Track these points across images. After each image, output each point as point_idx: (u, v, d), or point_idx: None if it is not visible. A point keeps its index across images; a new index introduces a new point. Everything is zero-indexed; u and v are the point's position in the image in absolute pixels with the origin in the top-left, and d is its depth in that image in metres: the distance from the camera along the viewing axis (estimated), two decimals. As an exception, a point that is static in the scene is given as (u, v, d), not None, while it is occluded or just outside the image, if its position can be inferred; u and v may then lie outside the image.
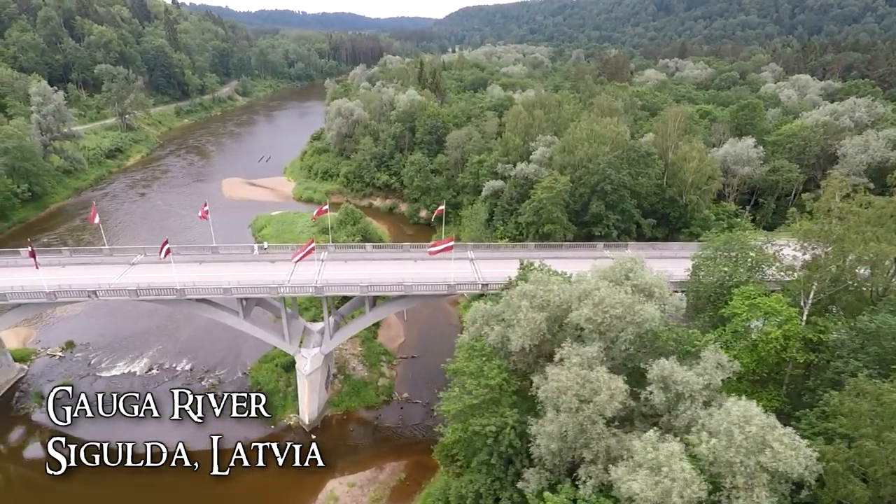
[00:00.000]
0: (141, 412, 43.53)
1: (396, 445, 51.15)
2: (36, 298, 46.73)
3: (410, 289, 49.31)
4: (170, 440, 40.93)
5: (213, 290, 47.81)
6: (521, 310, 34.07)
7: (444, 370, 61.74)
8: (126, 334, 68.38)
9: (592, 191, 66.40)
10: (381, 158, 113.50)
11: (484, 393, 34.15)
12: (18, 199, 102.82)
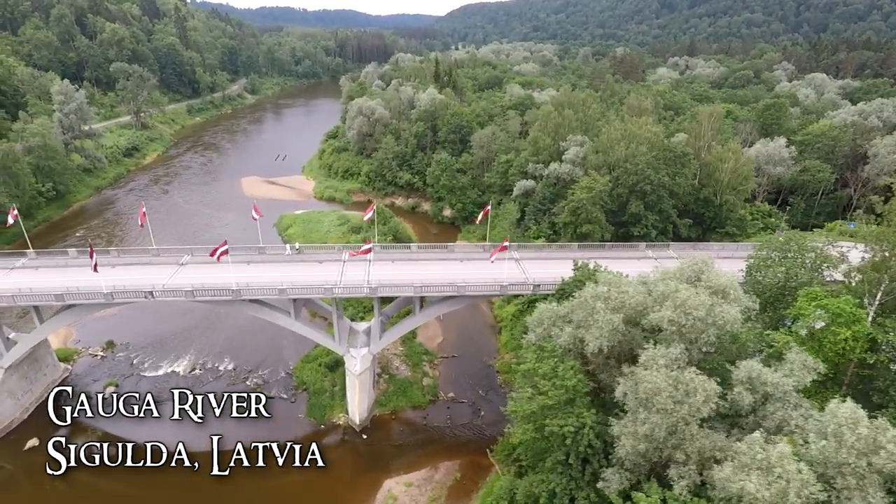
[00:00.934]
0: (199, 413, 43.09)
1: (447, 445, 51.40)
2: (93, 299, 46.85)
3: (463, 289, 49.53)
4: (230, 439, 41.13)
5: (269, 290, 47.97)
6: (597, 311, 34.30)
7: (488, 369, 62.83)
8: (164, 334, 68.51)
9: (631, 191, 66.61)
10: (403, 157, 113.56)
11: (560, 394, 34.38)
12: (44, 198, 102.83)
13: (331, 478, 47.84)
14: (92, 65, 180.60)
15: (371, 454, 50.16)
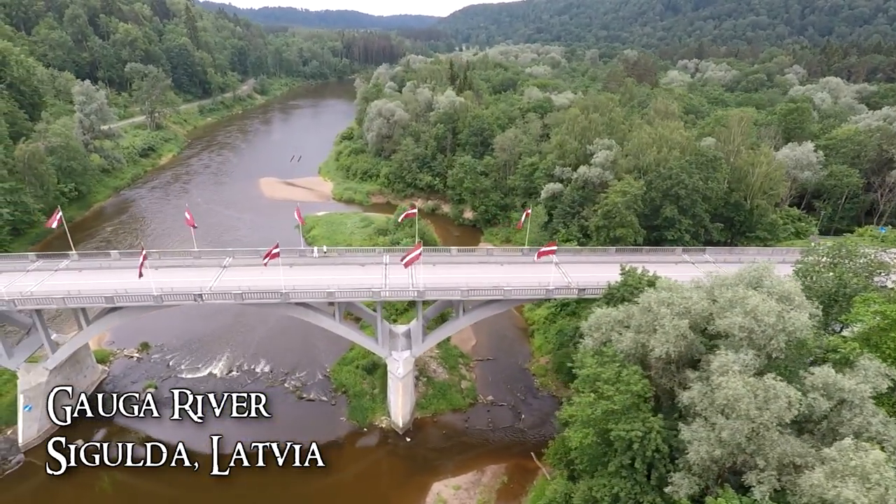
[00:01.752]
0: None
1: (491, 448, 51.54)
2: (143, 302, 46.96)
3: (509, 293, 49.68)
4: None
5: (317, 293, 48.09)
6: (663, 317, 34.48)
7: (523, 373, 62.96)
8: (196, 335, 68.61)
9: (664, 195, 66.79)
10: (423, 159, 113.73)
11: (625, 399, 34.55)
12: (66, 199, 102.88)
13: (380, 480, 48.19)
14: (105, 65, 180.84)
15: (416, 457, 50.28)
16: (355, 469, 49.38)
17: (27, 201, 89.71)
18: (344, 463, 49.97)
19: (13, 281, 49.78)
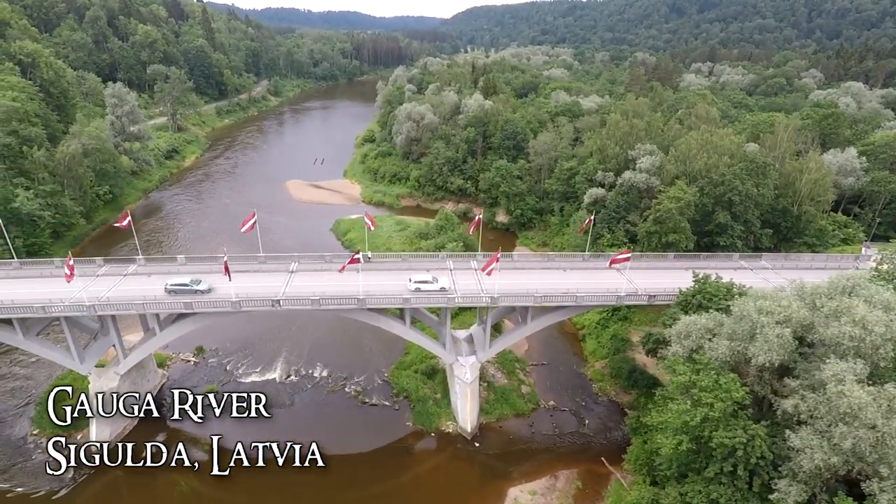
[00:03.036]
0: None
1: (560, 453, 51.78)
2: (221, 308, 47.18)
3: (581, 300, 49.98)
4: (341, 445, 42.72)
5: (392, 299, 48.40)
6: (764, 326, 34.82)
7: (579, 377, 63.22)
8: (249, 339, 68.70)
9: (717, 201, 67.19)
10: (454, 163, 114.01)
11: (725, 406, 34.89)
12: (102, 201, 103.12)
13: (457, 485, 48.41)
14: (125, 66, 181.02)
15: (487, 462, 50.57)
16: (429, 474, 49.69)
17: (67, 204, 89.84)
18: (417, 467, 50.30)
19: (86, 286, 49.86)
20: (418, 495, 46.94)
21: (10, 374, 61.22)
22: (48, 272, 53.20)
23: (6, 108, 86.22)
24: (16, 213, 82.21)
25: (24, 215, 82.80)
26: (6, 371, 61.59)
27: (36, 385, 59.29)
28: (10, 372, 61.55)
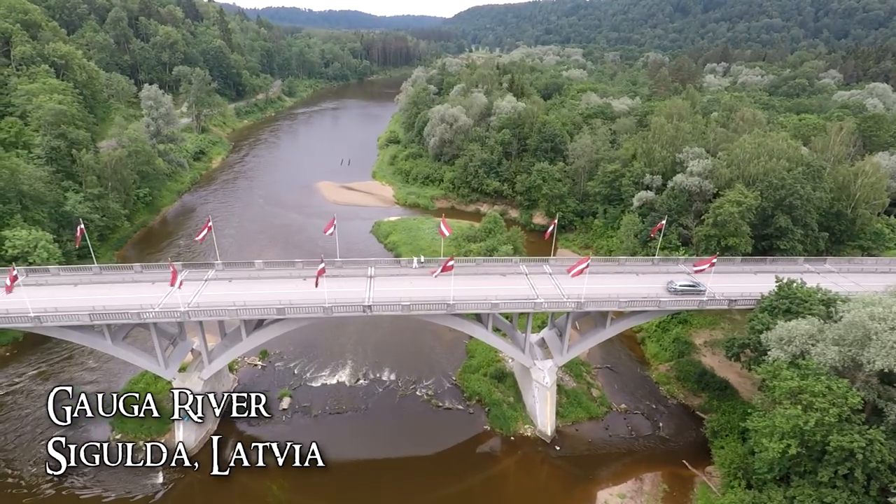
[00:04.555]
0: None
1: (640, 457, 52.22)
2: (313, 313, 47.48)
3: (664, 305, 50.48)
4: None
5: (481, 304, 48.79)
6: (879, 332, 35.34)
7: (644, 380, 63.70)
8: (311, 342, 68.86)
9: (777, 205, 67.71)
10: (489, 165, 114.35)
11: (840, 411, 35.42)
12: (142, 204, 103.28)
13: (545, 489, 48.87)
14: (146, 67, 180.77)
15: (571, 465, 50.98)
16: (515, 477, 50.18)
17: (114, 207, 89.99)
18: (501, 470, 50.75)
19: (171, 292, 50.13)
20: (508, 497, 47.49)
21: (76, 378, 61.39)
22: (129, 277, 53.52)
23: (54, 110, 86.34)
24: (66, 216, 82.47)
25: (75, 218, 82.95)
26: (72, 376, 61.78)
27: (102, 388, 59.35)
28: (77, 377, 61.75)
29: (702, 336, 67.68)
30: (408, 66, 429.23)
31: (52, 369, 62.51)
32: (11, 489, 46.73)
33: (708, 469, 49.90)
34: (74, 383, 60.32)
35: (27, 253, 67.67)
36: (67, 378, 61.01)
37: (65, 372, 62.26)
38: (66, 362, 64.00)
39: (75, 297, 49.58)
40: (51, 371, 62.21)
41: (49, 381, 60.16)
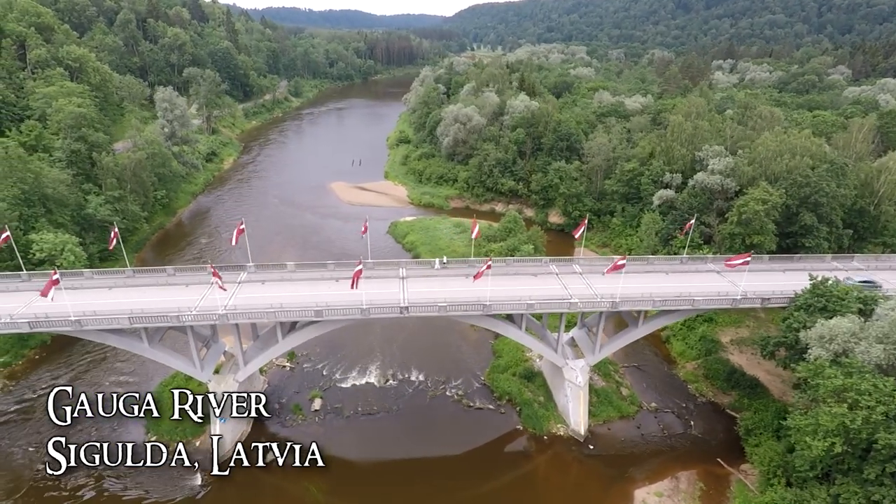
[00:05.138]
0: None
1: (673, 455, 52.41)
2: (350, 315, 47.67)
3: (698, 304, 50.61)
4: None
5: (517, 305, 48.95)
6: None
7: (671, 378, 63.87)
8: (337, 343, 68.73)
9: (802, 203, 67.79)
10: (504, 164, 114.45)
11: (888, 409, 35.58)
12: (160, 206, 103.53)
13: (583, 488, 49.07)
14: (155, 69, 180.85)
15: (605, 464, 51.19)
16: (552, 475, 50.36)
17: (134, 209, 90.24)
18: (537, 469, 50.95)
19: (205, 294, 50.41)
20: (546, 496, 47.67)
21: (108, 381, 61.66)
22: (163, 280, 53.75)
23: (75, 114, 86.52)
24: (88, 219, 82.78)
25: (97, 221, 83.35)
26: (103, 379, 62.06)
27: (133, 391, 59.48)
28: (109, 380, 62.03)
29: (728, 334, 67.85)
30: (411, 65, 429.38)
31: (82, 372, 62.77)
32: (53, 492, 47.01)
33: (743, 467, 50.09)
34: (107, 386, 61.10)
35: (54, 256, 67.67)
36: (99, 381, 61.38)
37: (95, 374, 62.52)
38: (96, 365, 64.30)
39: (111, 300, 49.85)
40: (81, 374, 62.49)
41: (82, 383, 60.49)
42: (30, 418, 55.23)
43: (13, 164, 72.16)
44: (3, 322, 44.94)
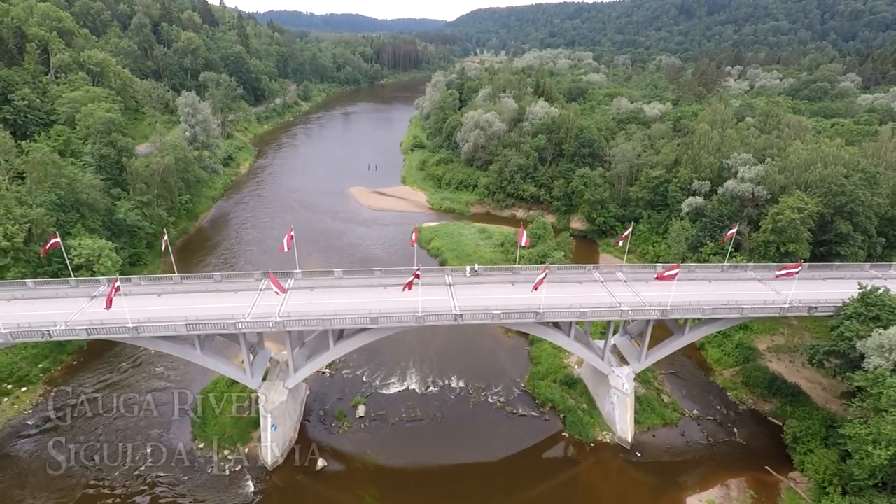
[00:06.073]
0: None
1: (720, 462, 52.60)
2: (405, 322, 47.85)
3: (747, 311, 50.90)
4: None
5: (569, 313, 49.11)
6: None
7: (709, 385, 64.11)
8: (374, 350, 68.33)
9: (837, 211, 68.29)
10: (526, 170, 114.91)
11: (956, 419, 35.94)
12: (184, 210, 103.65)
13: (635, 495, 49.19)
14: (168, 73, 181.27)
15: (654, 471, 51.36)
16: (602, 483, 50.53)
17: (162, 214, 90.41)
18: (587, 478, 51.07)
19: (256, 301, 50.58)
20: (597, 503, 47.84)
21: (149, 386, 61.65)
22: (211, 286, 53.83)
23: (105, 118, 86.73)
24: (119, 223, 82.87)
25: (126, 226, 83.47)
26: (145, 384, 62.05)
27: (175, 398, 59.52)
28: (148, 384, 62.03)
29: (763, 342, 68.19)
30: (417, 69, 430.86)
31: (122, 377, 62.81)
32: (105, 499, 46.97)
33: (791, 475, 50.31)
34: (148, 391, 61.11)
35: (91, 262, 67.76)
36: (141, 386, 61.41)
37: (136, 380, 62.51)
38: (135, 370, 64.33)
39: (162, 306, 49.86)
40: (122, 379, 62.52)
41: (123, 389, 60.55)
42: (75, 424, 55.27)
43: (48, 170, 72.33)
44: (60, 329, 45.01)
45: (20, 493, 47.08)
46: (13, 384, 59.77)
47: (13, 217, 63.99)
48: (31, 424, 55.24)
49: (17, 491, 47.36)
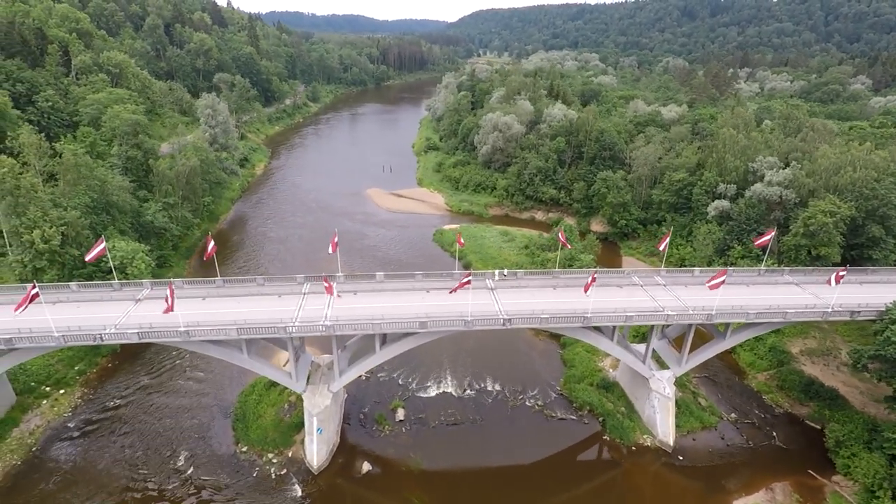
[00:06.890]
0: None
1: (762, 466, 52.76)
2: (452, 327, 47.95)
3: (790, 316, 51.14)
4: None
5: (615, 317, 49.24)
6: None
7: (743, 388, 64.41)
8: (407, 352, 68.57)
9: (868, 215, 68.58)
10: (545, 172, 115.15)
11: None
12: (207, 212, 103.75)
13: (678, 499, 49.39)
14: (181, 74, 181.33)
15: (697, 475, 51.50)
16: (647, 487, 50.67)
17: (187, 216, 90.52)
18: (630, 482, 51.20)
19: (301, 304, 50.71)
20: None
21: (186, 389, 61.73)
22: (254, 290, 53.94)
23: (131, 120, 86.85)
24: (146, 226, 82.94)
25: (154, 227, 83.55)
26: (182, 387, 62.15)
27: (213, 401, 59.67)
28: (186, 387, 62.13)
29: (796, 345, 68.45)
30: (422, 70, 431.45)
31: (158, 380, 62.90)
32: (151, 503, 47.06)
33: (834, 478, 50.54)
34: (185, 394, 61.21)
35: (125, 265, 67.81)
36: (177, 388, 61.53)
37: (172, 382, 62.61)
38: (170, 373, 64.41)
39: (208, 310, 49.99)
40: (157, 382, 62.60)
41: (160, 393, 60.66)
42: (114, 427, 55.38)
43: (81, 172, 72.41)
44: (111, 332, 45.10)
45: (63, 496, 47.13)
46: (51, 386, 59.84)
47: (49, 220, 64.02)
48: (72, 427, 55.33)
49: (60, 494, 47.41)
